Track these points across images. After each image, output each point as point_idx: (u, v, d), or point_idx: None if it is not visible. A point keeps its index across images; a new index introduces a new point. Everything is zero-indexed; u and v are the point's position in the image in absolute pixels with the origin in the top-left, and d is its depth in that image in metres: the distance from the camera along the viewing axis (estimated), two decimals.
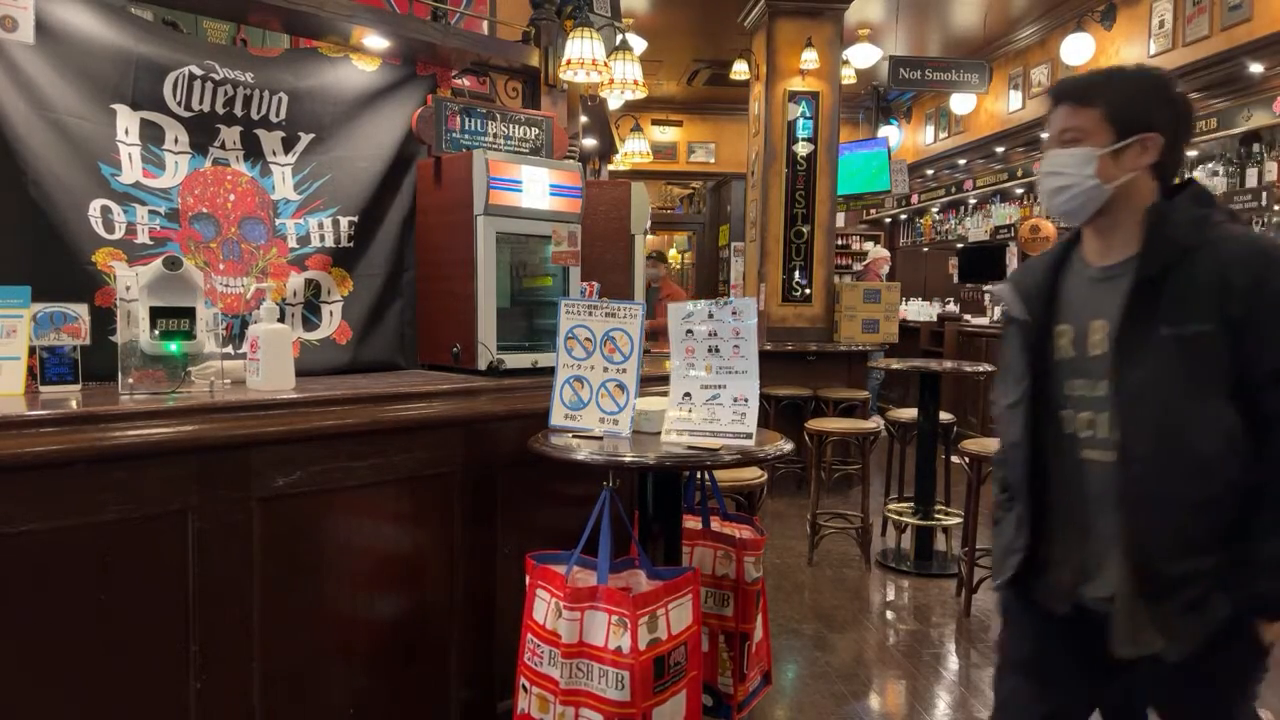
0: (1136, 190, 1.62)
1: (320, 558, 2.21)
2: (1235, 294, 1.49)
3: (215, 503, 1.99)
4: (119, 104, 2.44)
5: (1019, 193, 9.75)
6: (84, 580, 1.84)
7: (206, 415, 1.99)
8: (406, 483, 2.36)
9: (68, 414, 1.83)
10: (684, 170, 11.81)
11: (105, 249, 2.38)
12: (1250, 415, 1.51)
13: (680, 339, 2.34)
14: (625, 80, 4.25)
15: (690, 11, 8.06)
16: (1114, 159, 1.60)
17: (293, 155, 2.76)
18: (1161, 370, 1.54)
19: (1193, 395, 1.52)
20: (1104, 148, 1.60)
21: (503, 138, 3.00)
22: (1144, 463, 1.56)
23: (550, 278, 2.93)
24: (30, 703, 1.79)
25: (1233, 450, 1.51)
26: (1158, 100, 1.63)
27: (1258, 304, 1.49)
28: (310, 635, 2.19)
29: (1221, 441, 1.51)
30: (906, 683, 3.38)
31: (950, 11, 8.40)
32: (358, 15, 2.76)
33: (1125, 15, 7.16)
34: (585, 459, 2.14)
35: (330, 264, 2.82)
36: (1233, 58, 6.05)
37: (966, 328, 8.40)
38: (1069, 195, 1.64)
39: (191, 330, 2.15)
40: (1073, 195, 1.63)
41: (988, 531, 4.84)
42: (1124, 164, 1.60)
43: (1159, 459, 1.54)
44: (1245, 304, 1.49)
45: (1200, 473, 1.52)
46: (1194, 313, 1.52)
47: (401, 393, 2.38)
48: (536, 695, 2.16)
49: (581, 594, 2.11)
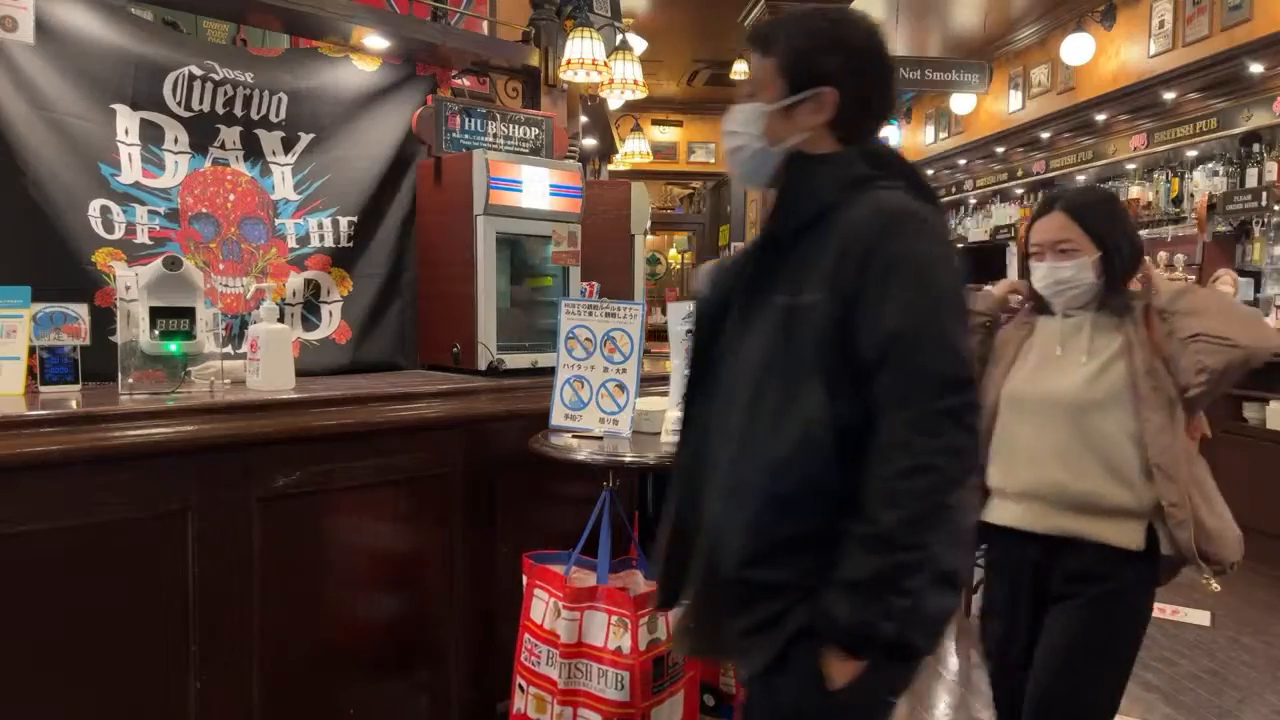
0: None
1: (320, 558, 2.21)
2: (849, 261, 1.26)
3: (215, 503, 1.99)
4: (119, 104, 2.44)
5: (1019, 193, 9.74)
6: (84, 580, 1.84)
7: (206, 415, 1.99)
8: (406, 483, 2.36)
9: (68, 414, 1.83)
10: (684, 170, 11.80)
11: (105, 249, 2.38)
12: (859, 409, 1.25)
13: (680, 339, 2.34)
14: (625, 80, 4.25)
15: (690, 11, 8.05)
16: (784, 116, 1.38)
17: (292, 155, 2.76)
18: (768, 344, 1.32)
19: (791, 375, 1.29)
20: (773, 103, 1.38)
21: (503, 138, 3.00)
22: (736, 447, 1.33)
23: (550, 278, 2.93)
24: (31, 702, 1.79)
25: (810, 443, 1.25)
26: (831, 47, 1.37)
27: (864, 274, 1.25)
28: (310, 635, 2.19)
29: (798, 430, 1.26)
30: None
31: (950, 11, 8.40)
32: (358, 15, 2.76)
33: (1125, 15, 7.16)
34: (585, 459, 2.14)
35: (330, 264, 2.82)
36: (1233, 58, 6.04)
37: None
38: (742, 157, 1.43)
39: (191, 330, 2.15)
40: (746, 157, 1.42)
41: None
42: (796, 122, 1.37)
43: (746, 445, 1.32)
44: (856, 273, 1.25)
45: (777, 465, 1.27)
46: (810, 281, 1.29)
47: (401, 393, 2.38)
48: (534, 695, 2.16)
49: (581, 594, 2.11)
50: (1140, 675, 3.31)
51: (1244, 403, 4.79)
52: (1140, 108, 7.13)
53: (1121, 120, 7.43)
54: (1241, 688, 3.26)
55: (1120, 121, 7.45)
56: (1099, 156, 7.94)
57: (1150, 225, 7.76)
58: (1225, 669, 3.39)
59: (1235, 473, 4.85)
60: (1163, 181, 7.50)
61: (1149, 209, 7.63)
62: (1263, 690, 3.25)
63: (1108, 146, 7.78)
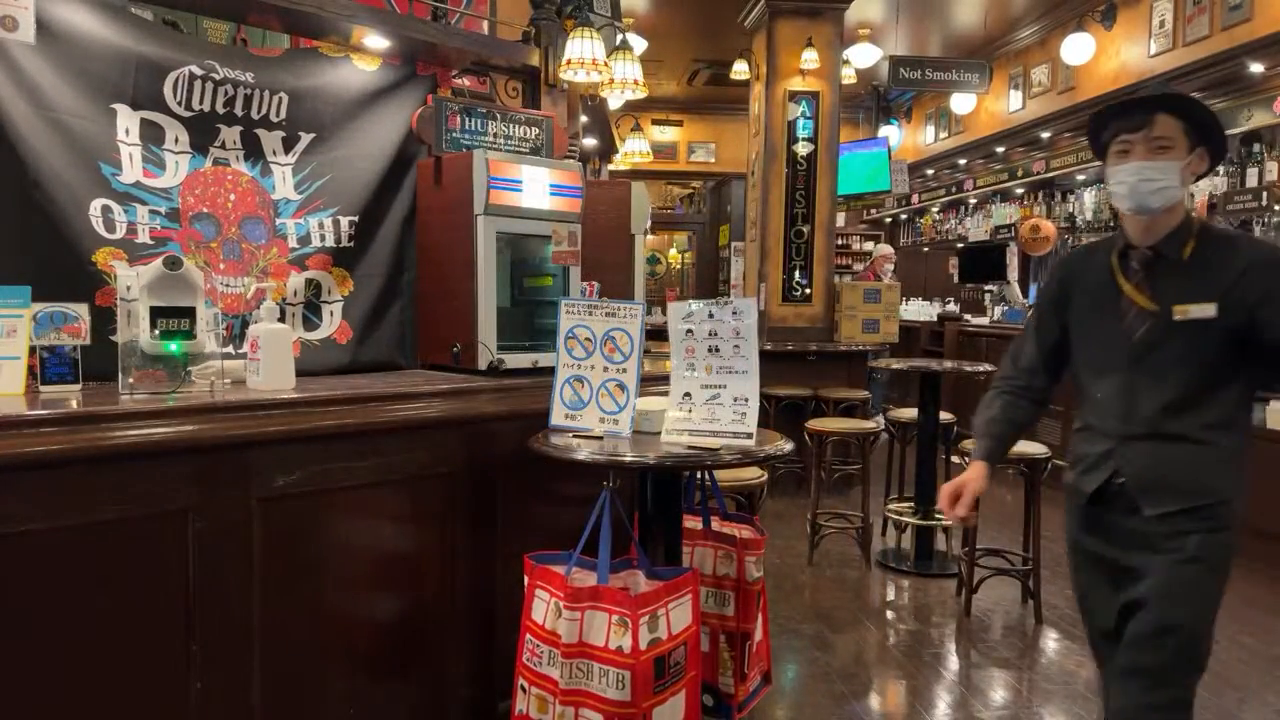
0: None
1: (320, 558, 2.21)
2: None
3: (215, 503, 1.99)
4: (119, 104, 2.44)
5: (1019, 192, 9.75)
6: (84, 580, 1.84)
7: (206, 415, 1.99)
8: (406, 483, 2.36)
9: (68, 414, 1.83)
10: (684, 170, 11.81)
11: (106, 249, 2.38)
12: None
13: (680, 339, 2.34)
14: (625, 80, 4.25)
15: (690, 11, 8.06)
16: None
17: (293, 155, 2.76)
18: None
19: None
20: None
21: (503, 137, 3.00)
22: None
23: (550, 277, 2.93)
24: (31, 702, 1.79)
25: None
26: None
27: None
28: (310, 635, 2.19)
29: None
30: (906, 683, 3.38)
31: (950, 11, 8.40)
32: (358, 15, 2.76)
33: (1126, 15, 7.16)
34: (585, 459, 2.14)
35: (330, 264, 2.82)
36: (1233, 58, 6.05)
37: (967, 328, 8.39)
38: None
39: (192, 330, 2.15)
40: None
41: (988, 531, 4.86)
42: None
43: None
44: None
45: None
46: None
47: (401, 393, 2.38)
48: (535, 695, 2.16)
49: (582, 594, 2.11)
50: None
51: None
52: None
53: None
54: (1241, 688, 3.26)
55: None
56: None
57: None
58: (1225, 669, 3.39)
59: None
60: None
61: None
62: (1263, 690, 3.25)
63: None
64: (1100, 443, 1.98)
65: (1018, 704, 3.20)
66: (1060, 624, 3.87)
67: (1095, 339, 2.02)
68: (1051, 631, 3.82)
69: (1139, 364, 1.91)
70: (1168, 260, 1.90)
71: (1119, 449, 1.94)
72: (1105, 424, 1.97)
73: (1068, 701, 3.17)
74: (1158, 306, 1.88)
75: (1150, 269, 1.91)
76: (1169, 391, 1.88)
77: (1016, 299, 8.71)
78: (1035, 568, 3.94)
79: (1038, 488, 3.93)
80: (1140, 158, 1.86)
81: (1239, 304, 1.81)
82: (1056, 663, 3.55)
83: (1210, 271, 1.86)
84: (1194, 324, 1.84)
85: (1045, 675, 3.44)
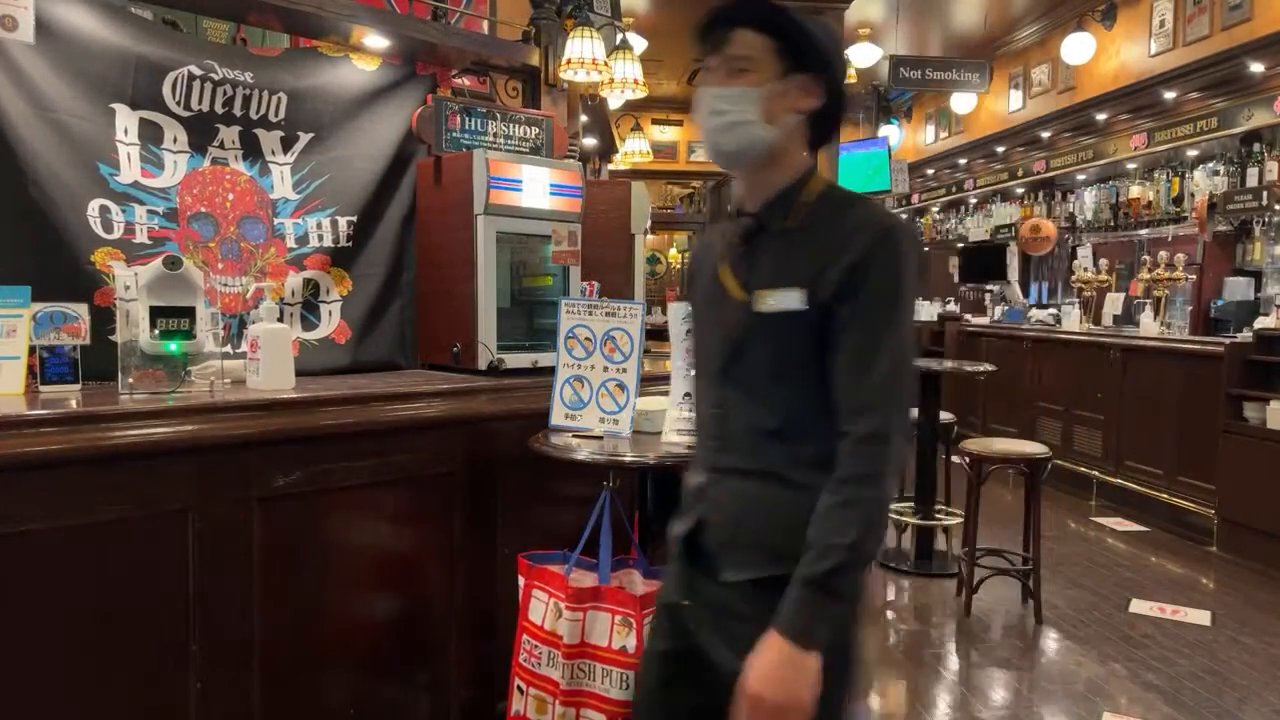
0: None
1: (320, 558, 2.21)
2: None
3: (215, 503, 1.99)
4: (118, 103, 2.43)
5: (1019, 192, 9.74)
6: (84, 580, 1.84)
7: (206, 415, 1.99)
8: (406, 483, 2.36)
9: (68, 414, 1.82)
10: (684, 170, 11.81)
11: (104, 249, 2.38)
12: None
13: (680, 339, 2.33)
14: (625, 80, 4.25)
15: (690, 11, 7.94)
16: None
17: (292, 155, 2.76)
18: None
19: None
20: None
21: (503, 137, 3.00)
22: None
23: (550, 277, 2.93)
24: (31, 702, 1.79)
25: None
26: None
27: None
28: (310, 635, 2.19)
29: None
30: (906, 683, 3.38)
31: (950, 11, 8.40)
32: (358, 15, 2.75)
33: (1126, 15, 7.16)
34: (585, 459, 2.14)
35: (329, 264, 2.81)
36: (1233, 57, 6.04)
37: (967, 327, 8.39)
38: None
39: (191, 330, 2.15)
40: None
41: (989, 531, 4.85)
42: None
43: None
44: None
45: None
46: None
47: (401, 392, 2.38)
48: (534, 696, 2.15)
49: (584, 594, 2.11)
50: (1140, 675, 3.31)
51: (1244, 402, 4.79)
52: (1141, 107, 7.13)
53: (1122, 120, 7.43)
54: (1241, 688, 3.26)
55: (1121, 121, 7.45)
56: (1099, 156, 7.94)
57: (1151, 225, 7.77)
58: (1225, 669, 3.39)
59: (1235, 472, 4.86)
60: (1163, 181, 7.51)
61: (1150, 209, 7.64)
62: (1263, 690, 3.25)
63: (1108, 146, 7.78)
64: (695, 474, 1.51)
65: (1018, 704, 3.19)
66: (1060, 624, 3.87)
67: (700, 337, 1.55)
68: (1051, 631, 3.82)
69: (727, 374, 1.41)
70: (768, 232, 1.39)
71: (709, 486, 1.46)
72: (703, 450, 1.51)
73: (1068, 701, 3.17)
74: (747, 296, 1.38)
75: (750, 243, 1.41)
76: (759, 411, 1.37)
77: (1017, 299, 8.71)
78: (1035, 568, 3.93)
79: (1038, 488, 3.93)
80: (713, 84, 1.38)
81: (826, 290, 1.30)
82: (1056, 663, 3.54)
83: (811, 247, 1.33)
84: (781, 319, 1.33)
85: (1045, 675, 3.44)
